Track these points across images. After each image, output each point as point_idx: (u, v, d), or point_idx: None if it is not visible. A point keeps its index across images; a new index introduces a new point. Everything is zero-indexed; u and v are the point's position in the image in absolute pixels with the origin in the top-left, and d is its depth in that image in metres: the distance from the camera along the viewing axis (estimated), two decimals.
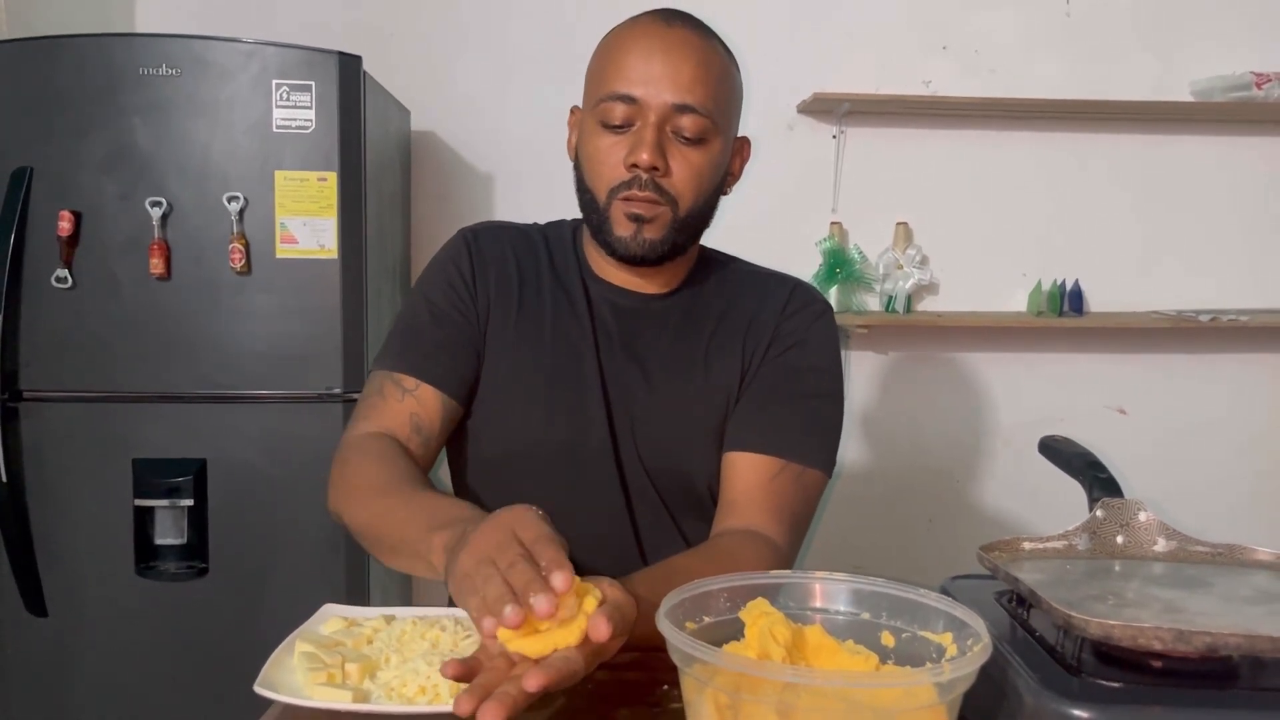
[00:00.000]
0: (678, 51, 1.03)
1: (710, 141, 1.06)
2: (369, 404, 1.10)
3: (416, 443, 1.08)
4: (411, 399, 1.09)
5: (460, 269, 1.15)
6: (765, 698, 0.61)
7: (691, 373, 1.13)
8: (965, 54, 2.68)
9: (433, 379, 1.09)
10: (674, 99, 1.03)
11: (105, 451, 1.92)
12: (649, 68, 1.03)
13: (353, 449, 1.06)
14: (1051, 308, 2.64)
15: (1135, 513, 0.87)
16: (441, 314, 1.13)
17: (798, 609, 0.75)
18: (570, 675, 0.69)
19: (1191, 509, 2.23)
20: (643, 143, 1.03)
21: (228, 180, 1.89)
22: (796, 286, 1.19)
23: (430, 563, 0.83)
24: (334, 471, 1.07)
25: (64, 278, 1.88)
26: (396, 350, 1.13)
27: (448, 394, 1.10)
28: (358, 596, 1.97)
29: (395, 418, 1.08)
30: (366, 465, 1.02)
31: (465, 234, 1.19)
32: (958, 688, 0.62)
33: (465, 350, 1.12)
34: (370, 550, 1.01)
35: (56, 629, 1.95)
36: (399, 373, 1.10)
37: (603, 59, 1.08)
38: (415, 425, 1.08)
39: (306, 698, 0.75)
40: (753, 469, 1.08)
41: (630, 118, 1.04)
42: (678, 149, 1.05)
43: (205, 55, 1.88)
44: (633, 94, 1.03)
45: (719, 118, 1.06)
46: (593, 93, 1.08)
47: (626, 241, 1.06)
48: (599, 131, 1.06)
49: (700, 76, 1.03)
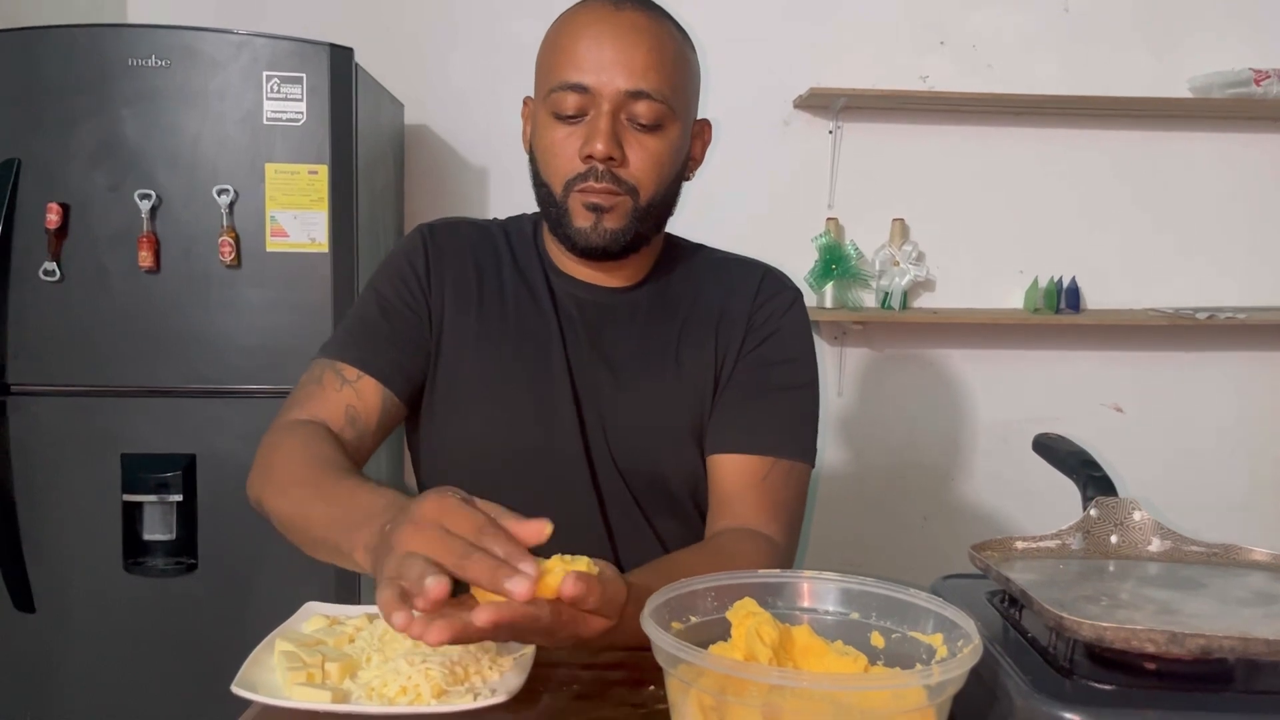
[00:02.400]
0: (629, 36, 1.00)
1: (667, 127, 1.03)
2: (305, 391, 1.06)
3: (350, 435, 1.03)
4: (350, 389, 1.05)
5: (414, 265, 1.12)
6: (751, 700, 0.60)
7: (662, 368, 1.10)
8: (963, 49, 2.67)
9: (375, 371, 1.06)
10: (627, 85, 0.99)
11: (93, 446, 1.91)
12: (599, 54, 1.00)
13: (281, 434, 1.01)
14: (1048, 305, 2.63)
15: (1130, 512, 0.86)
16: (390, 308, 1.10)
17: (786, 609, 0.74)
18: (530, 620, 0.67)
19: (1187, 508, 2.23)
20: (597, 132, 0.99)
21: (218, 173, 1.88)
22: (766, 274, 1.17)
23: (355, 560, 0.80)
24: (258, 456, 1.01)
25: (52, 271, 1.86)
26: (341, 340, 1.09)
27: (390, 388, 1.06)
28: (347, 593, 1.95)
29: (331, 407, 1.04)
30: (292, 453, 0.97)
31: (423, 230, 1.16)
32: (948, 690, 0.61)
33: (412, 346, 1.09)
34: (294, 542, 0.95)
35: (44, 625, 1.93)
36: (341, 362, 1.06)
37: (552, 46, 1.04)
38: (350, 417, 1.04)
39: (285, 698, 0.74)
40: (743, 470, 1.07)
41: (583, 107, 1.01)
42: (634, 136, 1.02)
43: (195, 46, 1.87)
44: (584, 82, 1.00)
45: (675, 102, 1.02)
46: (543, 82, 1.04)
47: (586, 233, 1.03)
48: (552, 123, 1.03)
49: (653, 61, 1.00)
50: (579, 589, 0.68)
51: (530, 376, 1.09)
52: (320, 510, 0.88)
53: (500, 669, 0.79)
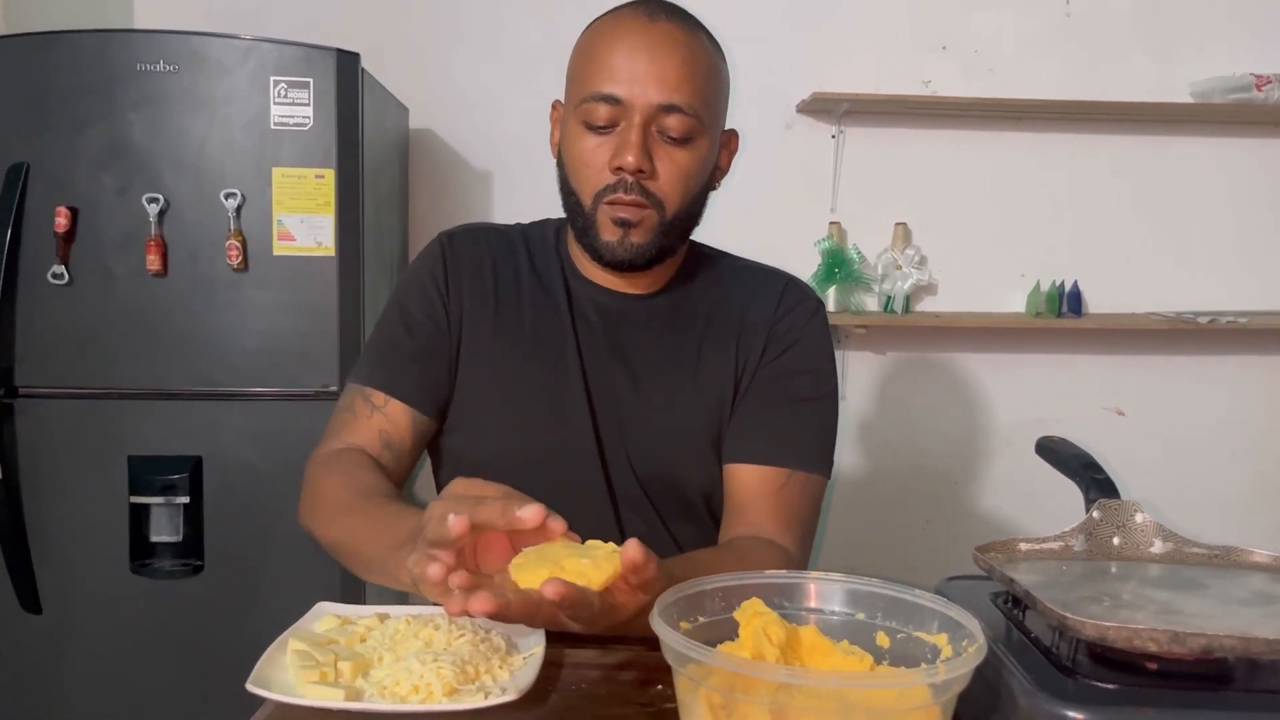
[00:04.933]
0: (663, 48, 1.00)
1: (697, 140, 1.03)
2: (340, 420, 1.10)
3: (388, 458, 1.07)
4: (381, 415, 1.08)
5: (434, 276, 1.13)
6: (759, 698, 0.61)
7: (680, 374, 1.11)
8: (965, 54, 2.68)
9: (402, 394, 1.09)
10: (660, 99, 1.00)
11: (101, 448, 1.92)
12: (633, 66, 1.00)
13: (321, 466, 1.06)
14: (1050, 309, 2.64)
15: (1132, 514, 0.87)
16: (413, 323, 1.11)
17: (792, 609, 0.75)
18: (584, 605, 0.70)
19: (1188, 510, 2.23)
20: (628, 144, 1.00)
21: (225, 177, 1.89)
22: (788, 284, 1.17)
23: (400, 580, 0.83)
24: (304, 487, 1.06)
25: (60, 274, 1.87)
26: (369, 363, 1.12)
27: (417, 409, 1.09)
28: (353, 595, 1.96)
29: (365, 434, 1.08)
30: (334, 482, 1.02)
31: (441, 238, 1.17)
32: (952, 688, 0.62)
33: (438, 362, 1.11)
34: (346, 565, 1.00)
35: (51, 626, 1.94)
36: (369, 387, 1.10)
37: (585, 55, 1.05)
38: (385, 441, 1.08)
39: (299, 696, 0.74)
40: (759, 480, 1.07)
41: (614, 118, 1.01)
42: (664, 149, 1.02)
43: (203, 51, 1.88)
44: (617, 94, 1.00)
45: (706, 116, 1.03)
46: (575, 91, 1.05)
47: (613, 247, 1.04)
48: (582, 133, 1.03)
49: (686, 75, 1.00)
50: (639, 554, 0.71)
51: (545, 379, 1.10)
52: (366, 535, 0.92)
53: (511, 668, 0.80)
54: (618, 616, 0.75)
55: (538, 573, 0.70)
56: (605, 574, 0.71)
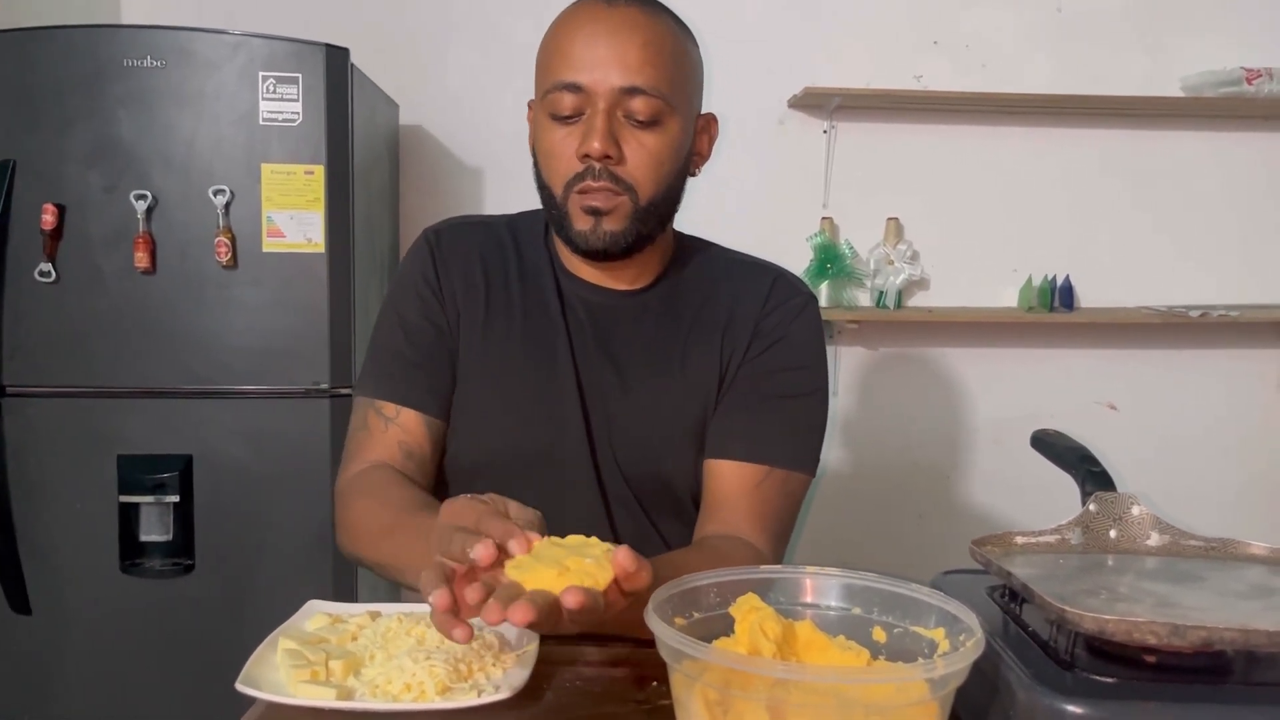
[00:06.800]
0: (622, 32, 0.99)
1: (666, 123, 1.01)
2: (357, 440, 1.09)
3: (412, 467, 1.07)
4: (396, 427, 1.08)
5: (426, 278, 1.12)
6: (755, 694, 0.60)
7: (668, 370, 1.10)
8: (957, 49, 2.68)
9: (411, 402, 1.08)
10: (621, 82, 0.98)
11: (90, 447, 1.90)
12: (593, 52, 0.99)
13: (351, 491, 1.05)
14: (1042, 303, 2.64)
15: (1128, 507, 0.87)
16: (412, 328, 1.11)
17: (788, 604, 0.74)
18: (594, 610, 0.69)
19: (1182, 504, 2.22)
20: (593, 131, 0.98)
21: (213, 173, 1.87)
22: (778, 278, 1.15)
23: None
24: (337, 515, 1.06)
25: (47, 272, 1.86)
26: (375, 376, 1.12)
27: (429, 414, 1.09)
28: (345, 593, 1.95)
29: (385, 448, 1.07)
30: (367, 504, 1.02)
31: (428, 235, 1.16)
32: (950, 683, 0.61)
33: (442, 363, 1.10)
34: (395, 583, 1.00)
35: (40, 627, 1.92)
36: (380, 400, 1.09)
37: (547, 48, 1.04)
38: (406, 451, 1.07)
39: (289, 695, 0.74)
40: (736, 476, 1.06)
41: (579, 106, 1.00)
42: (631, 133, 1.00)
43: (191, 47, 1.86)
44: (578, 81, 0.99)
45: (673, 97, 1.01)
46: (541, 84, 1.04)
47: (586, 235, 1.02)
48: (550, 125, 1.02)
49: (649, 57, 0.99)
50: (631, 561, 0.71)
51: (536, 379, 1.09)
52: (407, 553, 0.91)
53: (504, 665, 0.79)
54: (607, 615, 0.74)
55: (540, 573, 0.69)
56: (609, 574, 0.71)
